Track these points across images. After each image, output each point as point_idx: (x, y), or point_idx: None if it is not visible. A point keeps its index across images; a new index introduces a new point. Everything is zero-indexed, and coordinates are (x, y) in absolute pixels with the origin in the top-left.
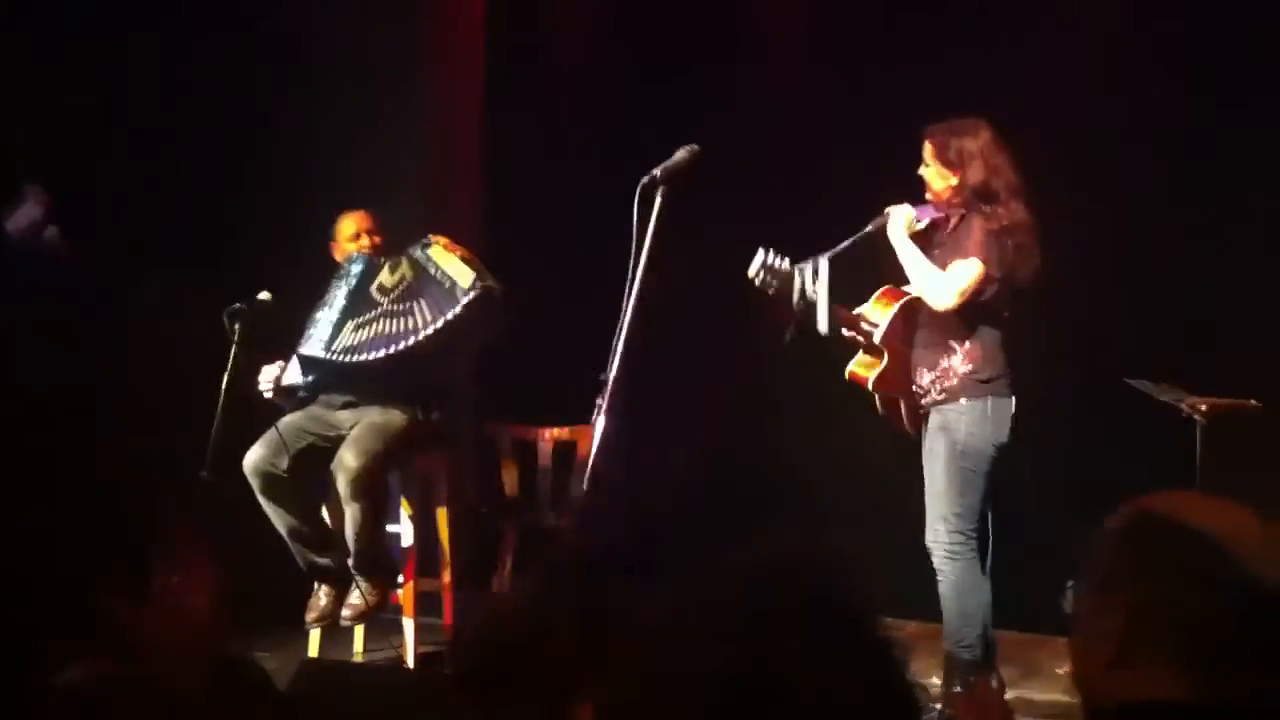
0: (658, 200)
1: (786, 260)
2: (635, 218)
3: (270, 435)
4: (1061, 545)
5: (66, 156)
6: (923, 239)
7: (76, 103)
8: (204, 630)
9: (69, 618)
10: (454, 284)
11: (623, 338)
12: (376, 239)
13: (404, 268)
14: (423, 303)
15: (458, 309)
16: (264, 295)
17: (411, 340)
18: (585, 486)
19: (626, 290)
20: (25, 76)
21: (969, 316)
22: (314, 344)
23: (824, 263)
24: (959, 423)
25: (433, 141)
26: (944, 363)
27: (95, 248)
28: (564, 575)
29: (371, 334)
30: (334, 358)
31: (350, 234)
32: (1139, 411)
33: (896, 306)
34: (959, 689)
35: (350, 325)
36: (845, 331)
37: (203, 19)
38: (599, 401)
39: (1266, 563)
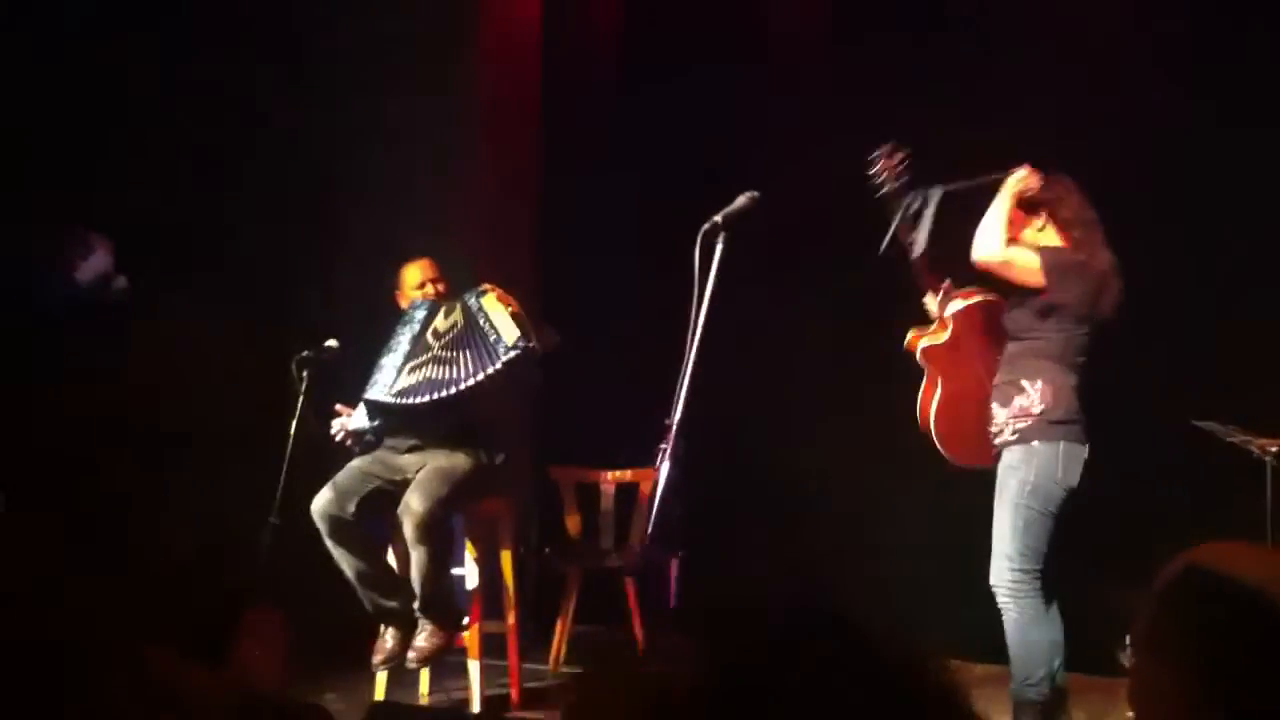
0: (719, 246)
1: (908, 170)
2: (697, 264)
3: (335, 481)
4: (1131, 589)
5: (98, 163)
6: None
7: (108, 108)
8: (271, 695)
9: (130, 680)
10: (499, 339)
11: (686, 382)
12: (440, 287)
13: (457, 314)
14: (467, 354)
15: (498, 365)
16: (331, 343)
17: (453, 390)
18: (649, 530)
19: (690, 335)
20: (41, 78)
21: (1045, 356)
22: (378, 388)
23: (937, 192)
24: (1030, 464)
25: (489, 181)
26: (1018, 401)
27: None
28: None
29: (421, 378)
30: (392, 400)
31: (415, 283)
32: (1209, 453)
33: (981, 297)
34: None
35: (407, 368)
36: (928, 300)
37: (245, 31)
38: (663, 446)
39: None
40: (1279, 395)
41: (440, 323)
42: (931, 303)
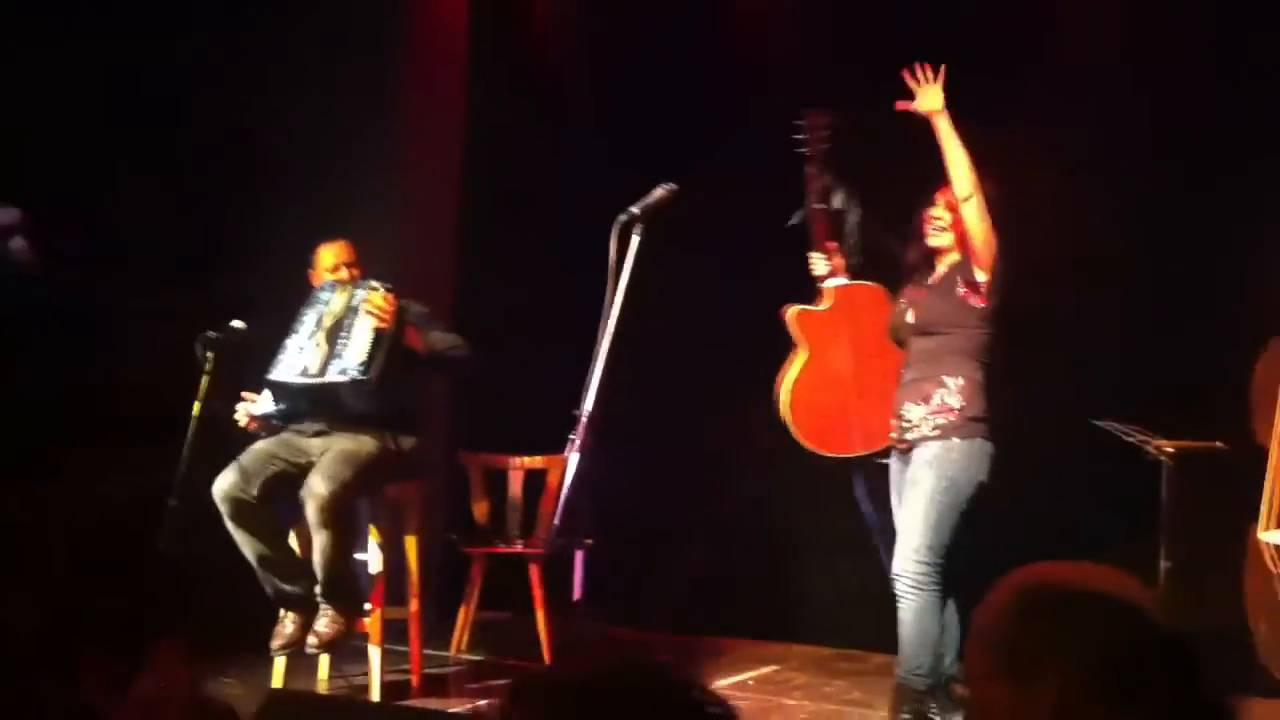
0: (634, 237)
1: (830, 139)
2: (612, 254)
3: (239, 462)
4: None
5: (41, 169)
6: (923, 268)
7: (52, 117)
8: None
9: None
10: (342, 355)
11: (598, 372)
12: (355, 271)
13: (343, 302)
14: (325, 349)
15: (325, 379)
16: (237, 323)
17: (300, 381)
18: (557, 521)
19: (601, 325)
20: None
21: (964, 354)
22: (280, 369)
23: (855, 214)
24: (948, 459)
25: (409, 163)
26: (937, 398)
27: (65, 260)
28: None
29: (301, 361)
30: (292, 382)
31: (329, 265)
32: (1106, 451)
33: (869, 284)
34: (907, 716)
35: (304, 349)
36: (815, 259)
37: (192, 39)
38: (572, 436)
39: (1159, 613)
40: (1177, 397)
41: (334, 304)
42: (818, 262)
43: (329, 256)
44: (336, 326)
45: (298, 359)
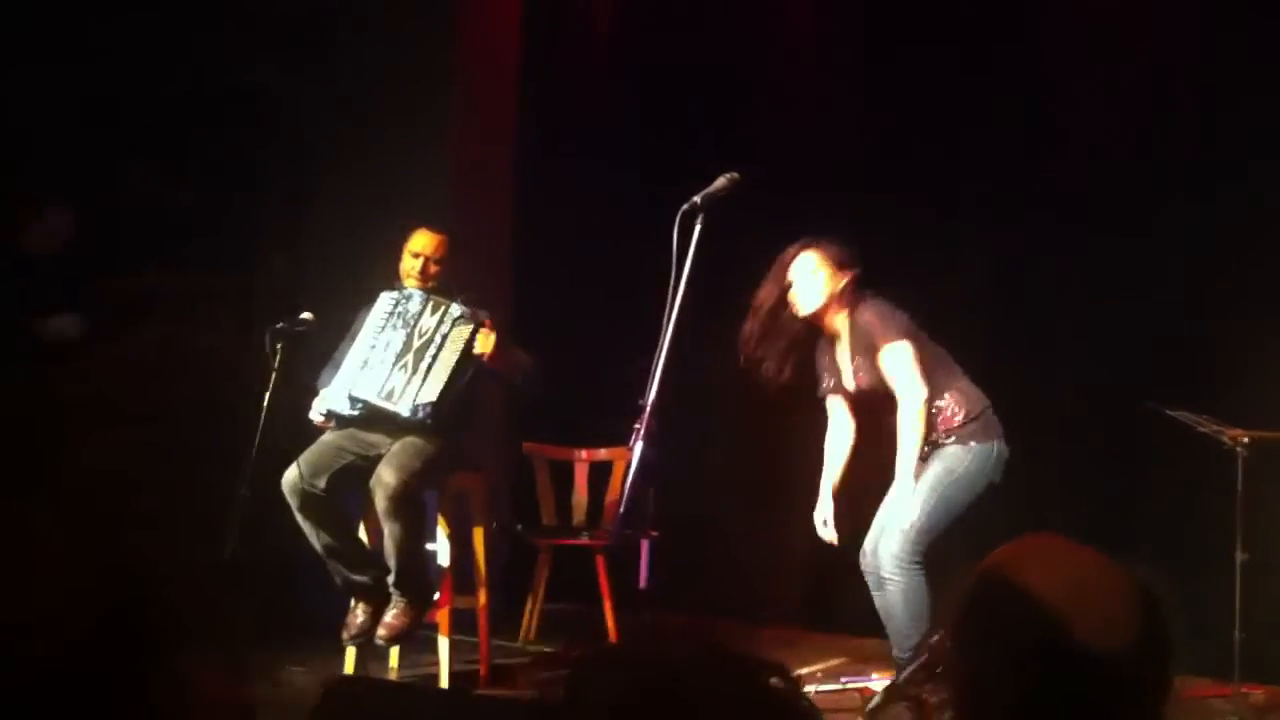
0: (697, 227)
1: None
2: (675, 243)
3: (307, 455)
4: None
5: (82, 149)
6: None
7: (97, 95)
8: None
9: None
10: (419, 390)
11: (661, 363)
12: (433, 269)
13: (434, 327)
14: (404, 375)
15: (398, 409)
16: (306, 315)
17: (382, 404)
18: (622, 511)
19: (666, 315)
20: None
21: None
22: (364, 387)
23: None
24: (965, 458)
25: (464, 151)
26: (938, 417)
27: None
28: None
29: (388, 382)
30: (380, 403)
31: (413, 251)
32: (1177, 442)
33: None
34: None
35: (395, 367)
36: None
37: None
38: (637, 426)
39: (1101, 626)
40: (1245, 389)
41: (425, 321)
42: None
43: (418, 242)
44: (424, 346)
45: (383, 376)
